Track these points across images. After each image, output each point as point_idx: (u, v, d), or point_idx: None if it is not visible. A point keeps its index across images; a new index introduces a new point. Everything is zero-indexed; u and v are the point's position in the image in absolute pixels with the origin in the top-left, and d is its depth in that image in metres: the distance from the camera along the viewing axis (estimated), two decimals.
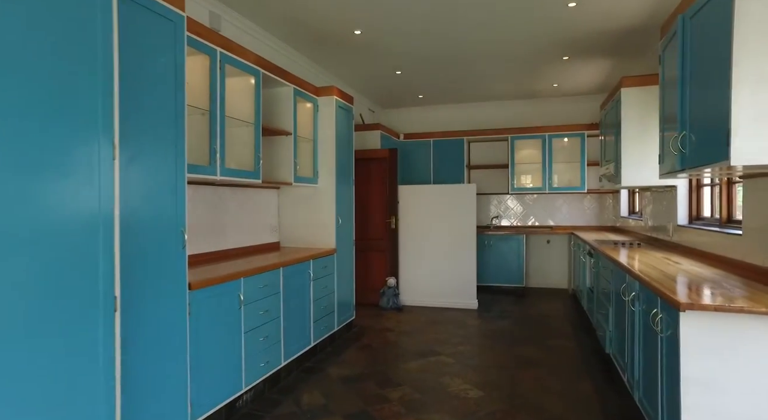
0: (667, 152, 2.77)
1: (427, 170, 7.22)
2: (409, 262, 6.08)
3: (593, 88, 6.44)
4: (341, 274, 4.58)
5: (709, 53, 2.18)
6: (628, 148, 4.12)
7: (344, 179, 4.69)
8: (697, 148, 2.29)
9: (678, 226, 3.96)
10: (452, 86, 6.35)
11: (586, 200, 6.99)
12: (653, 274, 2.65)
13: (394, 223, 6.00)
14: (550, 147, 6.72)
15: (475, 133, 7.03)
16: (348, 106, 4.77)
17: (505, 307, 5.91)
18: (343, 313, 4.64)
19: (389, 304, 5.85)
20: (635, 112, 4.10)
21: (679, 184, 3.97)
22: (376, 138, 6.38)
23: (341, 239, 4.57)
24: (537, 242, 7.13)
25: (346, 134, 4.75)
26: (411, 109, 7.70)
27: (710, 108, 2.14)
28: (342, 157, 4.63)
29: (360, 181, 6.11)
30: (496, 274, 6.71)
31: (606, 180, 5.15)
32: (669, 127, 2.74)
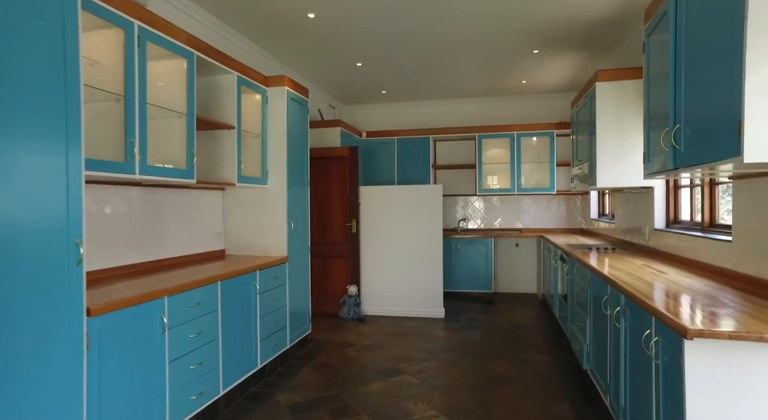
0: (655, 150, 2.47)
1: (391, 170, 6.84)
2: (372, 268, 5.68)
3: (562, 85, 6.22)
4: (295, 284, 4.13)
5: (712, 35, 1.87)
6: (604, 147, 3.85)
7: (298, 179, 4.25)
8: (696, 143, 1.98)
9: (655, 229, 3.71)
10: (417, 81, 5.99)
11: (554, 202, 6.77)
12: (639, 286, 2.34)
13: (354, 227, 5.58)
14: (519, 146, 6.46)
15: (442, 131, 6.70)
16: (302, 99, 4.33)
17: (474, 315, 5.59)
18: (297, 327, 4.19)
19: (350, 315, 5.43)
20: (611, 108, 3.83)
21: (656, 185, 3.72)
22: (335, 136, 5.95)
23: (295, 246, 4.12)
24: (505, 246, 6.87)
25: (300, 130, 4.31)
26: (374, 106, 7.31)
27: (713, 97, 1.82)
28: (295, 155, 4.18)
29: (318, 181, 5.67)
30: (464, 280, 6.39)
31: (578, 181, 4.90)
32: (657, 122, 2.44)
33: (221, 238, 4.04)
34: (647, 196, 3.89)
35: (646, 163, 2.65)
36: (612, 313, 2.61)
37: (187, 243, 3.58)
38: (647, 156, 2.62)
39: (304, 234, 4.37)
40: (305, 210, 4.41)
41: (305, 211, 4.41)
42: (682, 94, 2.08)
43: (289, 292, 3.99)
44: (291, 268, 4.04)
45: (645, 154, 2.65)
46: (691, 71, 2.04)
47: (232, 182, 3.51)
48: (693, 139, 2.00)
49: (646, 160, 2.64)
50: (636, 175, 3.74)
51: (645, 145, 2.65)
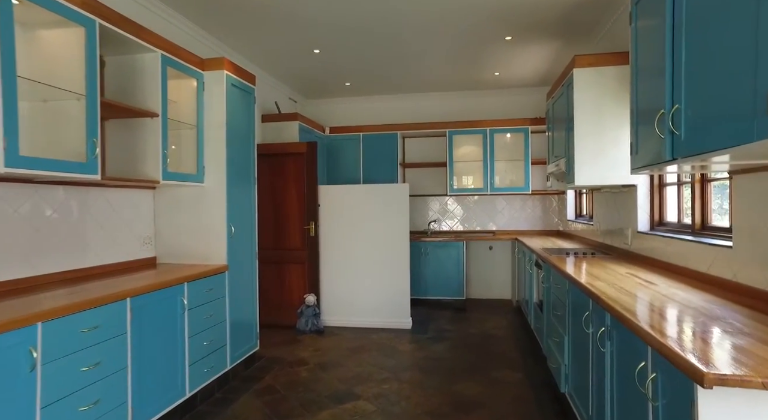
0: (645, 138, 2.07)
1: (356, 169, 6.37)
2: (332, 275, 5.20)
3: (537, 79, 5.86)
4: (238, 295, 3.63)
5: None
6: (583, 142, 3.46)
7: (242, 177, 3.74)
8: (702, 127, 1.57)
9: (638, 232, 3.34)
10: (382, 72, 5.54)
11: (530, 202, 6.41)
12: (626, 302, 1.93)
13: (313, 230, 5.10)
14: (492, 143, 6.07)
15: (410, 126, 6.27)
16: (247, 87, 3.82)
17: (443, 324, 5.16)
18: (241, 345, 3.68)
19: (308, 327, 4.94)
20: (590, 98, 3.45)
21: (639, 183, 3.35)
22: (293, 130, 5.45)
23: (237, 252, 3.62)
24: (478, 249, 6.47)
25: (245, 121, 3.81)
26: (339, 100, 6.83)
27: (728, 64, 1.41)
28: (238, 149, 3.68)
29: (273, 180, 5.18)
30: (434, 286, 5.97)
31: (554, 179, 4.52)
32: (649, 102, 2.03)
33: (151, 244, 3.51)
34: (629, 195, 3.52)
35: (633, 154, 2.24)
36: (595, 332, 2.20)
37: (102, 251, 3.04)
38: (635, 146, 2.22)
39: (250, 238, 3.86)
40: (251, 212, 3.90)
41: (251, 212, 3.90)
42: (682, 66, 1.68)
43: (229, 305, 3.48)
44: (232, 277, 3.53)
45: (632, 145, 2.25)
46: (695, 31, 1.62)
47: (156, 180, 2.98)
48: (698, 122, 1.59)
49: (633, 152, 2.24)
50: (618, 173, 3.38)
51: (633, 133, 2.25)
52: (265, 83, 5.59)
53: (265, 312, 5.23)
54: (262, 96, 5.52)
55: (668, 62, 1.75)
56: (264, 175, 5.23)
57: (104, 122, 2.99)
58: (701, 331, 1.53)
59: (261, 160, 5.21)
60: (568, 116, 3.66)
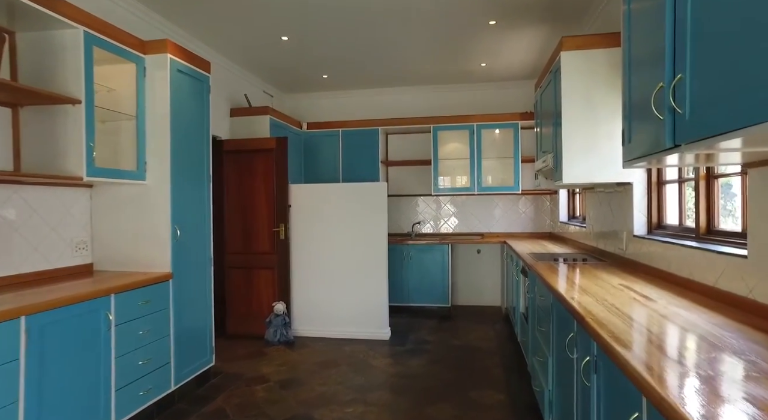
0: (640, 122, 1.68)
1: (335, 167, 5.98)
2: (304, 281, 4.80)
3: (527, 70, 5.47)
4: (186, 306, 3.23)
5: None
6: (571, 134, 3.08)
7: (192, 175, 3.35)
8: (712, 101, 1.18)
9: (634, 236, 2.95)
10: (361, 63, 5.16)
11: (521, 203, 6.02)
12: (618, 327, 1.54)
13: (283, 233, 4.70)
14: (479, 140, 5.69)
15: (392, 122, 5.88)
16: (199, 74, 3.43)
17: (425, 335, 4.76)
18: (191, 361, 3.29)
19: (277, 338, 4.54)
20: (579, 85, 3.06)
21: (635, 181, 2.97)
22: (264, 125, 5.06)
23: (185, 257, 3.23)
24: (466, 252, 6.08)
25: (196, 113, 3.41)
26: (317, 95, 6.44)
27: (757, 14, 1.02)
28: (187, 143, 3.29)
29: (241, 179, 4.79)
30: (417, 293, 5.57)
31: (542, 177, 4.14)
32: (643, 76, 1.64)
33: (86, 249, 3.11)
34: (624, 194, 3.13)
35: (626, 144, 1.85)
36: (580, 359, 1.81)
37: (17, 259, 2.65)
38: (627, 134, 1.83)
39: (202, 242, 3.47)
40: (205, 213, 3.51)
41: (204, 214, 3.51)
42: (687, 17, 1.28)
43: (174, 317, 3.09)
44: (178, 286, 3.14)
45: (625, 132, 1.86)
46: None
47: (78, 176, 2.59)
48: (707, 96, 1.20)
49: (626, 141, 1.85)
50: (611, 169, 3.00)
51: (625, 117, 1.86)
52: (234, 75, 5.20)
53: (233, 321, 4.86)
54: (230, 88, 5.13)
55: (669, 15, 1.36)
56: (231, 173, 4.85)
57: (18, 109, 2.60)
58: (714, 374, 1.14)
59: (228, 157, 4.83)
60: (556, 107, 3.27)
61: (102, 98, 2.94)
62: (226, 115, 5.08)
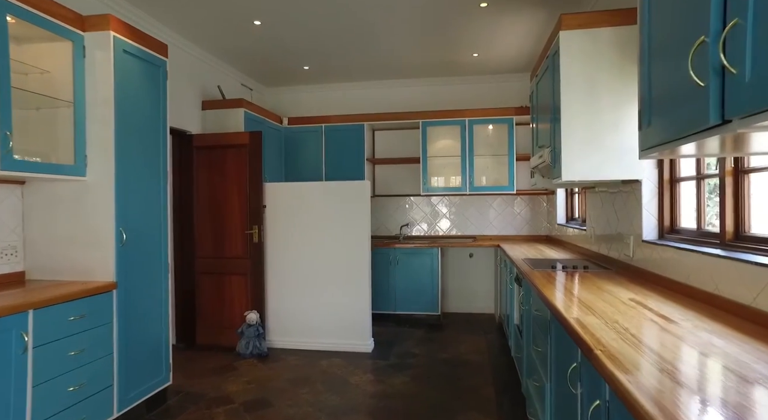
0: (666, 94, 1.31)
1: (318, 165, 5.60)
2: (280, 288, 4.41)
3: (522, 62, 5.11)
4: (136, 319, 2.84)
5: None
6: (571, 125, 2.71)
7: (145, 171, 2.96)
8: None
9: (643, 241, 2.58)
10: (343, 52, 4.78)
11: (516, 204, 5.66)
12: (635, 363, 1.17)
13: (257, 235, 4.31)
14: (471, 136, 5.32)
15: (378, 116, 5.50)
16: (153, 58, 3.04)
17: (411, 347, 4.38)
18: (141, 382, 2.89)
19: (249, 350, 4.15)
20: (581, 67, 2.69)
21: (644, 178, 2.60)
22: (238, 119, 4.67)
23: (134, 264, 2.84)
24: (457, 256, 5.71)
25: (150, 101, 3.03)
26: (300, 89, 6.06)
27: None
28: (138, 135, 2.90)
29: (212, 177, 4.42)
30: (405, 300, 5.20)
31: (539, 175, 3.77)
32: (674, 28, 1.26)
33: (16, 255, 2.72)
34: (631, 194, 2.76)
35: (643, 128, 1.48)
36: (585, 397, 1.44)
37: None
38: (646, 114, 1.45)
39: (157, 247, 3.08)
40: (160, 214, 3.12)
41: (161, 215, 3.12)
42: None
43: (119, 333, 2.70)
44: (125, 297, 2.75)
45: (642, 112, 1.48)
46: None
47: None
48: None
49: (643, 124, 1.48)
50: (617, 165, 2.63)
51: (642, 90, 1.48)
52: (207, 65, 4.82)
53: (203, 331, 4.47)
54: (203, 79, 4.74)
55: None
56: (201, 171, 4.46)
57: None
58: None
59: (198, 153, 4.45)
60: (554, 95, 2.90)
61: (34, 81, 2.58)
62: (198, 108, 4.69)
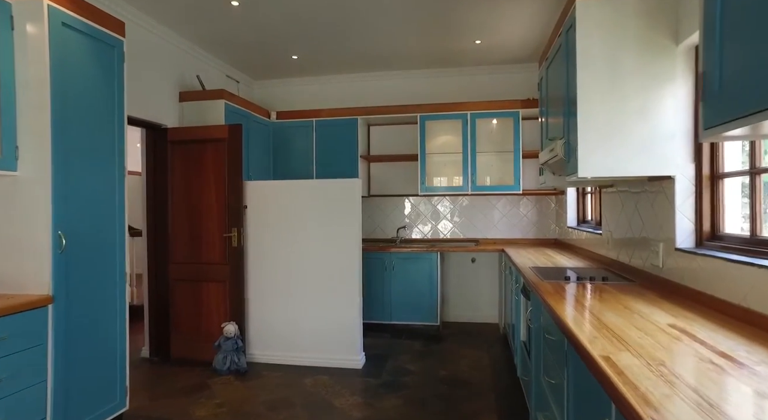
0: (759, 34, 0.89)
1: (308, 162, 5.20)
2: (261, 297, 4.01)
3: (528, 50, 4.69)
4: (82, 338, 2.45)
5: None
6: (590, 112, 2.29)
7: (94, 166, 2.57)
8: None
9: (677, 249, 2.16)
10: (333, 39, 4.37)
11: (521, 204, 5.23)
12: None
13: (236, 239, 3.91)
14: (474, 131, 4.90)
15: (372, 110, 5.09)
16: (104, 35, 2.64)
17: (406, 362, 3.97)
18: (88, 410, 2.50)
19: (226, 365, 3.75)
20: (601, 44, 2.27)
21: (677, 175, 2.17)
22: (218, 112, 4.28)
23: (77, 275, 2.44)
24: (458, 262, 5.29)
25: (101, 85, 2.63)
26: (289, 81, 5.66)
27: None
28: (86, 125, 2.51)
29: (188, 175, 4.04)
30: (401, 309, 4.78)
31: (549, 172, 3.35)
32: None
33: None
34: (659, 193, 2.34)
35: (714, 93, 1.05)
36: None
37: None
38: (716, 71, 1.03)
39: (110, 254, 2.68)
40: (115, 216, 2.72)
41: (115, 217, 2.72)
42: None
43: (57, 355, 2.30)
44: (66, 313, 2.35)
45: (709, 70, 1.06)
46: None
47: None
48: None
49: (713, 86, 1.05)
50: (644, 158, 2.21)
51: (708, 37, 1.06)
52: (187, 53, 4.42)
53: (179, 344, 4.08)
54: (182, 69, 4.35)
55: None
56: (177, 167, 4.07)
57: None
58: None
59: (173, 148, 4.07)
60: (569, 78, 2.49)
61: None
62: (175, 100, 4.30)
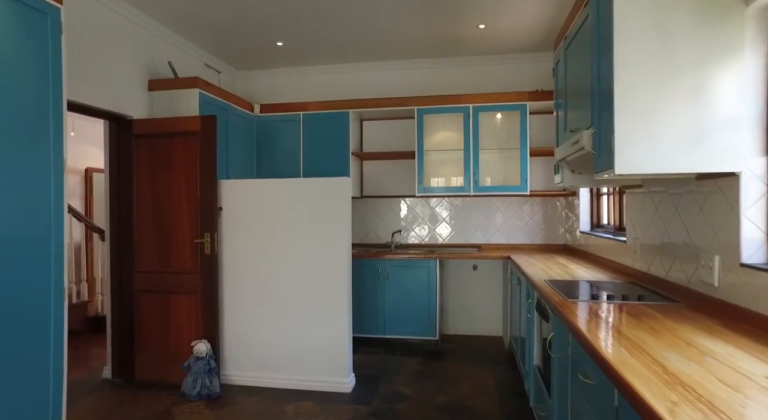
0: None
1: (295, 159, 4.74)
2: (238, 311, 3.55)
3: (537, 38, 4.25)
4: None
5: None
6: (633, 91, 1.84)
7: (17, 159, 2.10)
8: None
9: (742, 265, 1.72)
10: (321, 22, 3.92)
11: (528, 207, 4.79)
12: None
13: (209, 245, 3.45)
14: (476, 126, 4.45)
15: (365, 103, 4.64)
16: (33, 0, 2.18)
17: (401, 385, 3.51)
18: None
19: (197, 390, 3.28)
20: (645, 9, 1.82)
21: (743, 171, 1.73)
22: (191, 102, 3.81)
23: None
24: (459, 269, 4.85)
25: (27, 60, 2.16)
26: (275, 72, 5.20)
27: None
28: (4, 108, 2.04)
29: (155, 172, 3.62)
30: (396, 321, 4.33)
31: (567, 169, 2.91)
32: None
33: None
34: (715, 194, 1.90)
35: None
36: None
37: None
38: None
39: (42, 264, 2.21)
40: (50, 218, 2.25)
41: (50, 220, 2.25)
42: None
43: None
44: None
45: None
46: None
47: None
48: None
49: None
50: (698, 150, 1.76)
51: None
52: (157, 37, 3.96)
53: (144, 364, 3.62)
54: (151, 54, 3.89)
55: None
56: (142, 165, 3.62)
57: None
58: None
59: (139, 143, 3.62)
60: (601, 53, 2.04)
61: None
62: (143, 89, 3.83)
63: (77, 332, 5.00)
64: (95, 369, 3.89)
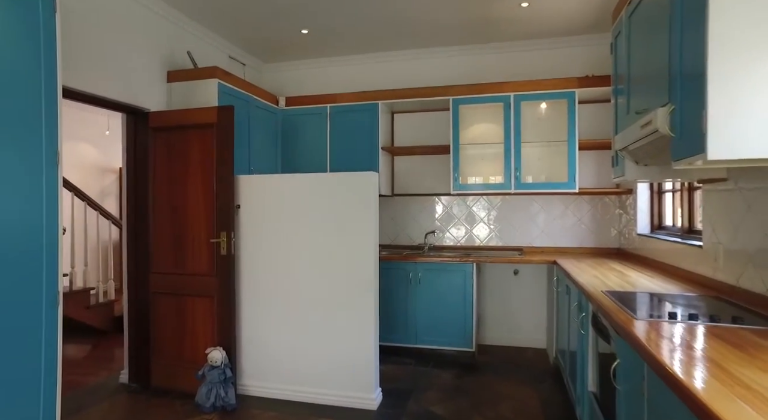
0: None
1: (322, 154, 4.46)
2: (256, 317, 3.29)
3: (589, 16, 3.79)
4: None
5: None
6: (732, 52, 1.43)
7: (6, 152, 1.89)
8: None
9: None
10: (349, 8, 3.61)
11: (575, 206, 4.33)
12: None
13: (225, 246, 3.20)
14: (518, 117, 4.04)
15: (396, 93, 4.30)
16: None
17: (433, 401, 3.16)
18: None
19: (211, 400, 3.04)
20: None
21: None
22: (210, 92, 3.59)
23: None
24: (498, 274, 4.44)
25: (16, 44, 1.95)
26: (302, 63, 4.94)
27: None
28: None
29: (171, 167, 3.41)
30: (428, 330, 3.98)
31: (629, 160, 2.48)
32: None
33: None
34: None
35: None
36: None
37: None
38: None
39: (33, 266, 1.99)
40: (42, 215, 2.04)
41: (42, 216, 2.04)
42: None
43: None
44: None
45: None
46: None
47: None
48: None
49: None
50: None
51: None
52: (178, 28, 3.77)
53: (159, 370, 3.42)
54: (172, 46, 3.70)
55: None
56: (159, 159, 3.43)
57: None
58: None
59: (156, 136, 3.43)
60: (684, 10, 1.63)
61: None
62: (162, 81, 3.64)
63: (104, 332, 4.91)
64: (114, 371, 3.75)
